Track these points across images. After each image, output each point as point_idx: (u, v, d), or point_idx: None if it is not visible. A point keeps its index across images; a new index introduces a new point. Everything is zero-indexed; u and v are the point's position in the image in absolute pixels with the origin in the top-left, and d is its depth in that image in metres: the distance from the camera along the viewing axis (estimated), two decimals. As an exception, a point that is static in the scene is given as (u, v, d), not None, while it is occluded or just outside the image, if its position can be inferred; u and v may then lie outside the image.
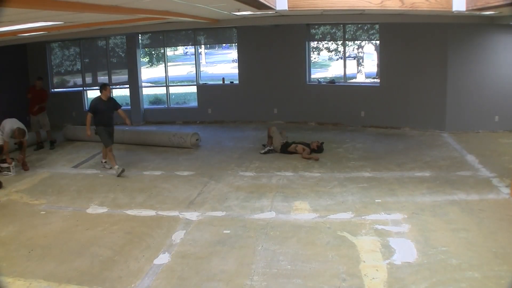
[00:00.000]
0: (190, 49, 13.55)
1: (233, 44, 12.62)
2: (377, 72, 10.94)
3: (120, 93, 12.94)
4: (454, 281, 3.69)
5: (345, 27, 10.77)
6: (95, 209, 5.81)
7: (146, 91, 12.79)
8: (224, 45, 14.93)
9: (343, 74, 11.12)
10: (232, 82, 11.95)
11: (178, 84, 12.88)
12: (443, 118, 9.48)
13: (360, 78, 11.62)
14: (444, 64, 9.40)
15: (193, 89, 12.23)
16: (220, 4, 6.50)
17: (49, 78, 12.40)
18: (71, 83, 12.92)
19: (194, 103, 12.19)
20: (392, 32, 9.93)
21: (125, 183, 6.84)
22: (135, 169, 7.51)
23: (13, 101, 11.58)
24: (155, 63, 14.65)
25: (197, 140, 8.93)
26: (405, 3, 6.95)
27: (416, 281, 3.71)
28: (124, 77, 12.31)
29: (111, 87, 12.31)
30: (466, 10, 6.61)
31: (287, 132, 8.76)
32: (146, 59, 14.22)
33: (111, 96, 8.35)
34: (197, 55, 12.15)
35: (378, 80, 10.52)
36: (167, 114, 12.02)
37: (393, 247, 4.35)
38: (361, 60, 11.86)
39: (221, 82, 12.13)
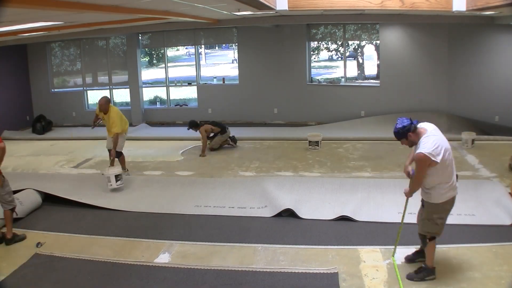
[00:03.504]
0: (191, 49, 13.53)
1: (233, 44, 12.63)
2: (377, 74, 10.93)
3: (120, 93, 12.93)
4: (454, 281, 3.69)
5: (345, 27, 10.78)
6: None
7: (146, 92, 12.79)
8: (224, 45, 14.90)
9: (343, 74, 11.12)
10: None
11: (179, 84, 12.79)
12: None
13: (360, 79, 11.64)
14: (444, 64, 9.41)
15: (194, 91, 12.23)
16: (220, 4, 6.50)
17: (49, 78, 12.43)
18: (71, 83, 12.91)
19: (194, 103, 12.20)
20: (392, 32, 9.94)
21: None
22: (135, 169, 7.50)
23: (14, 101, 11.62)
24: (156, 63, 14.62)
25: None
26: (405, 3, 6.95)
27: (417, 281, 3.71)
28: (124, 77, 12.31)
29: (111, 87, 12.40)
30: (466, 10, 6.61)
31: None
32: (146, 59, 14.21)
33: None
34: (197, 55, 12.15)
35: (378, 81, 10.53)
36: (167, 114, 12.02)
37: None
38: (361, 61, 11.84)
39: (221, 82, 12.16)
